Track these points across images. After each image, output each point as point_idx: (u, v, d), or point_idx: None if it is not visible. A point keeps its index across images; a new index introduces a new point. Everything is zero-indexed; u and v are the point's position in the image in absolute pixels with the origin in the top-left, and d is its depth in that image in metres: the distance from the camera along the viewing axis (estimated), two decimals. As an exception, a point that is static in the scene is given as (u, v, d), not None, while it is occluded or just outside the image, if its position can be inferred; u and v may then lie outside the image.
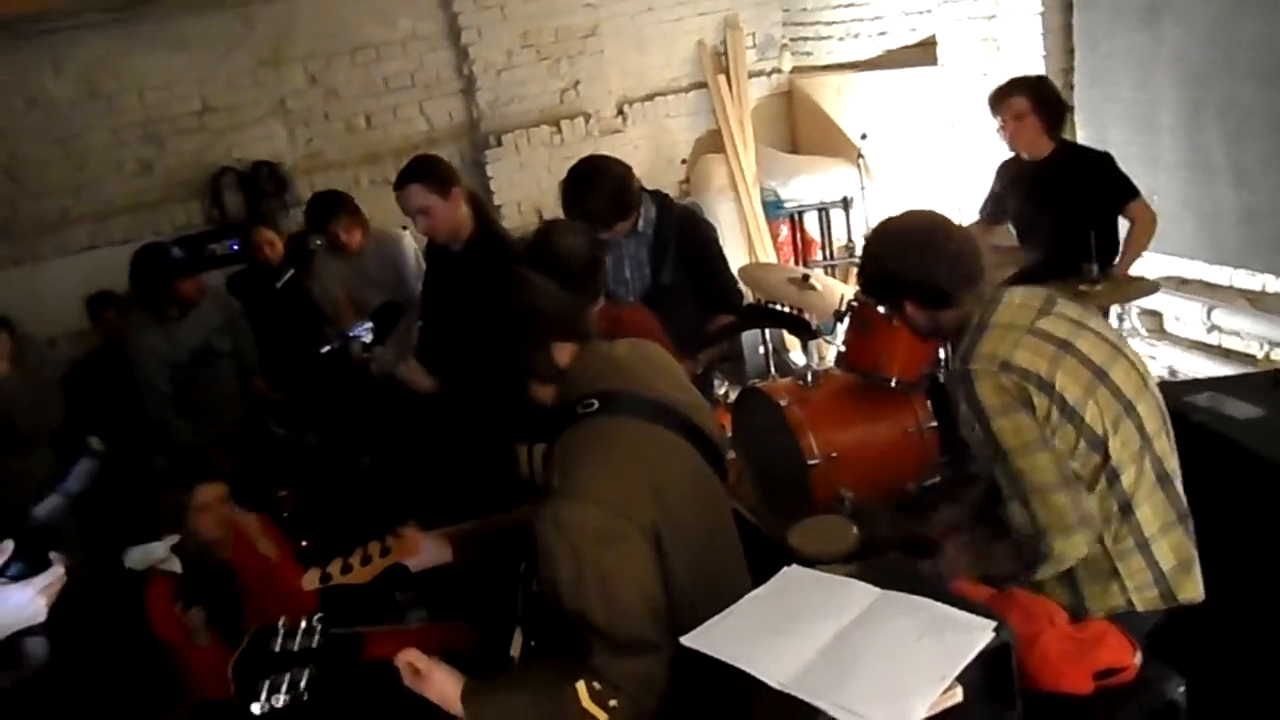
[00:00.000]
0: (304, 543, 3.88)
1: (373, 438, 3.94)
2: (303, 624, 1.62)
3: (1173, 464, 2.02)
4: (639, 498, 1.59)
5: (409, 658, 1.64)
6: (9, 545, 1.47)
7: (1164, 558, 1.97)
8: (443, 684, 1.63)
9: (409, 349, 3.33)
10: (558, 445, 1.68)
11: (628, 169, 3.31)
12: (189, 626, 2.95)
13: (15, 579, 1.45)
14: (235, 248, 5.36)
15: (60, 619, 1.62)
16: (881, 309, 2.23)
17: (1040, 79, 3.76)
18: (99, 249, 5.34)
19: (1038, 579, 1.93)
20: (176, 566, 3.00)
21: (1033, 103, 3.60)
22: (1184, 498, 2.02)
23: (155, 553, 2.97)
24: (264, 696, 1.54)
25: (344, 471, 4.09)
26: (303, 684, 1.56)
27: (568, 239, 2.72)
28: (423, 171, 3.26)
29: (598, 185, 3.22)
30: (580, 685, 1.54)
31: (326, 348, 3.17)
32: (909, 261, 2.04)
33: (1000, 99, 3.65)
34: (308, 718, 1.81)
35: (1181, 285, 4.37)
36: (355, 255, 4.02)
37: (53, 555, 1.50)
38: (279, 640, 1.60)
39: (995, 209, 3.92)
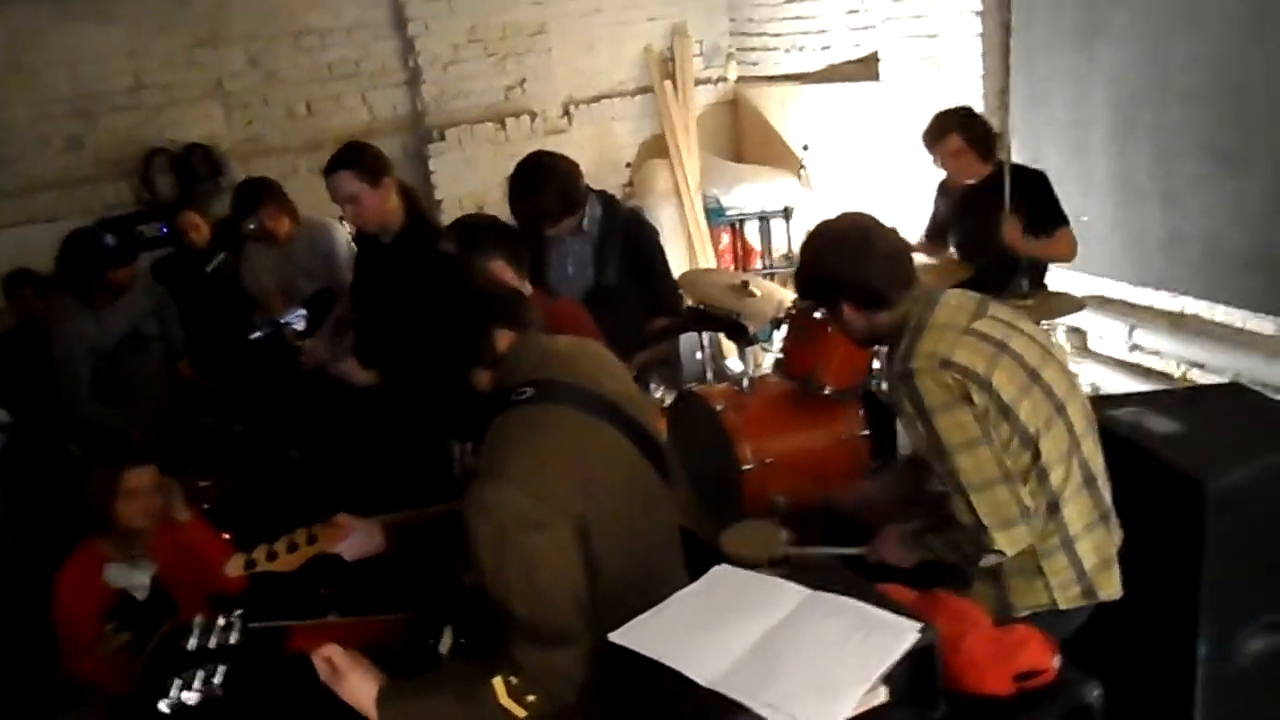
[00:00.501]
0: (227, 535, 3.78)
1: (302, 429, 3.86)
2: (220, 620, 1.56)
3: (1098, 465, 2.07)
4: (567, 488, 1.58)
5: (327, 653, 1.59)
6: None
7: (1086, 556, 2.02)
8: (358, 685, 1.58)
9: (346, 345, 3.25)
10: (489, 431, 1.65)
11: (575, 166, 3.30)
12: (103, 638, 2.75)
13: None
14: (164, 230, 5.20)
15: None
16: (818, 313, 2.25)
17: (968, 114, 3.83)
18: (22, 226, 5.14)
19: (982, 565, 1.97)
20: (142, 594, 2.85)
21: (965, 139, 3.72)
22: (1107, 498, 2.08)
23: (137, 578, 2.79)
24: (173, 693, 1.49)
25: (272, 462, 4.00)
26: (216, 680, 1.51)
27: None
28: (353, 159, 3.17)
29: (545, 181, 3.20)
30: (497, 681, 1.52)
31: (256, 334, 3.10)
32: (845, 264, 2.07)
33: (935, 140, 3.77)
34: (225, 715, 1.76)
35: (1106, 305, 4.50)
36: (285, 244, 3.92)
37: None
38: (194, 637, 1.54)
39: (936, 228, 4.01)
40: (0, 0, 4.91)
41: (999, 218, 3.54)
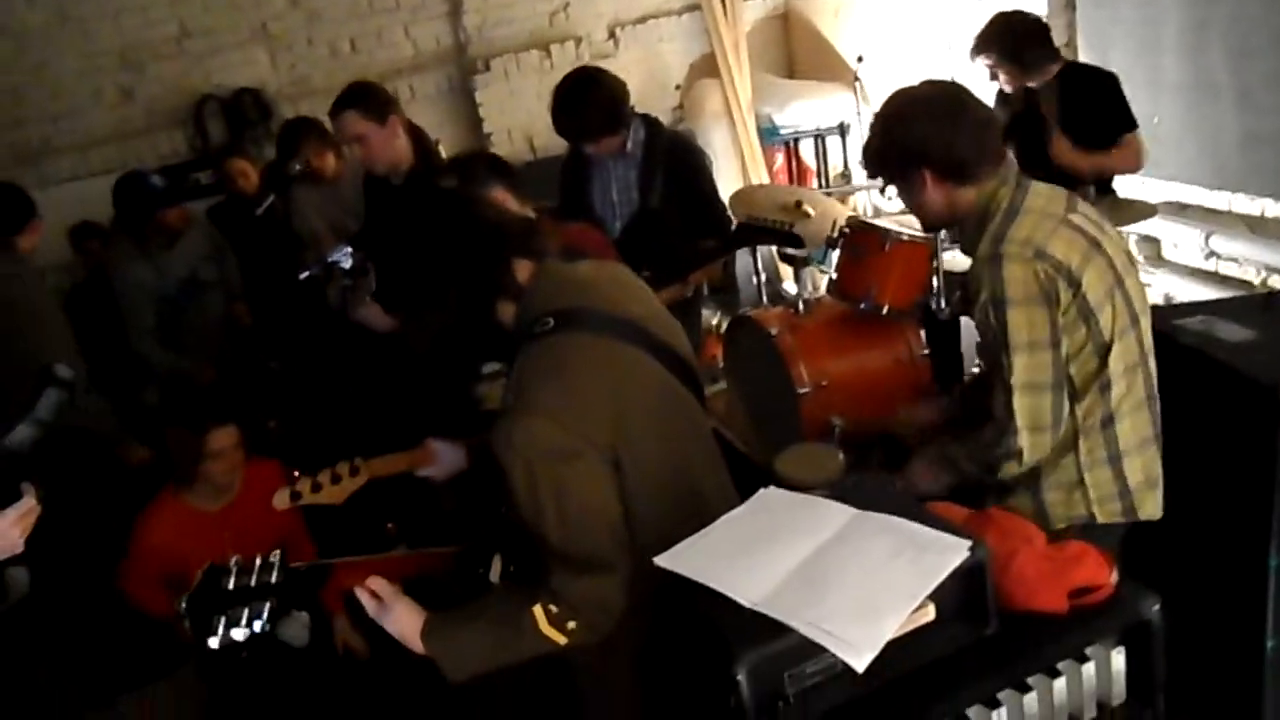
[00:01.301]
0: (296, 472, 3.88)
1: (359, 368, 3.91)
2: (258, 560, 1.58)
3: (1155, 383, 1.99)
4: (595, 416, 1.56)
5: (373, 586, 1.61)
6: None
7: (1133, 474, 1.95)
8: (404, 618, 1.60)
9: (366, 290, 3.26)
10: (515, 365, 1.64)
11: (621, 83, 3.24)
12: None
13: None
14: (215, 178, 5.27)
15: (40, 550, 1.60)
16: (889, 189, 2.10)
17: (1001, 29, 3.60)
18: (81, 179, 5.25)
19: (1001, 477, 1.92)
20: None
21: (998, 58, 3.55)
22: (1158, 418, 2.00)
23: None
24: (220, 630, 1.51)
25: (333, 401, 4.07)
26: (263, 617, 1.53)
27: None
28: (358, 98, 3.16)
29: (589, 96, 3.15)
30: (537, 609, 1.53)
31: (305, 273, 3.12)
32: (930, 127, 1.90)
33: (973, 58, 3.62)
34: (269, 652, 1.78)
35: (1180, 211, 4.30)
36: (332, 183, 3.93)
37: (23, 486, 1.46)
38: (232, 578, 1.55)
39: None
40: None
41: (1068, 121, 3.38)
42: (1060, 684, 1.30)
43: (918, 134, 1.92)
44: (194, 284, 4.13)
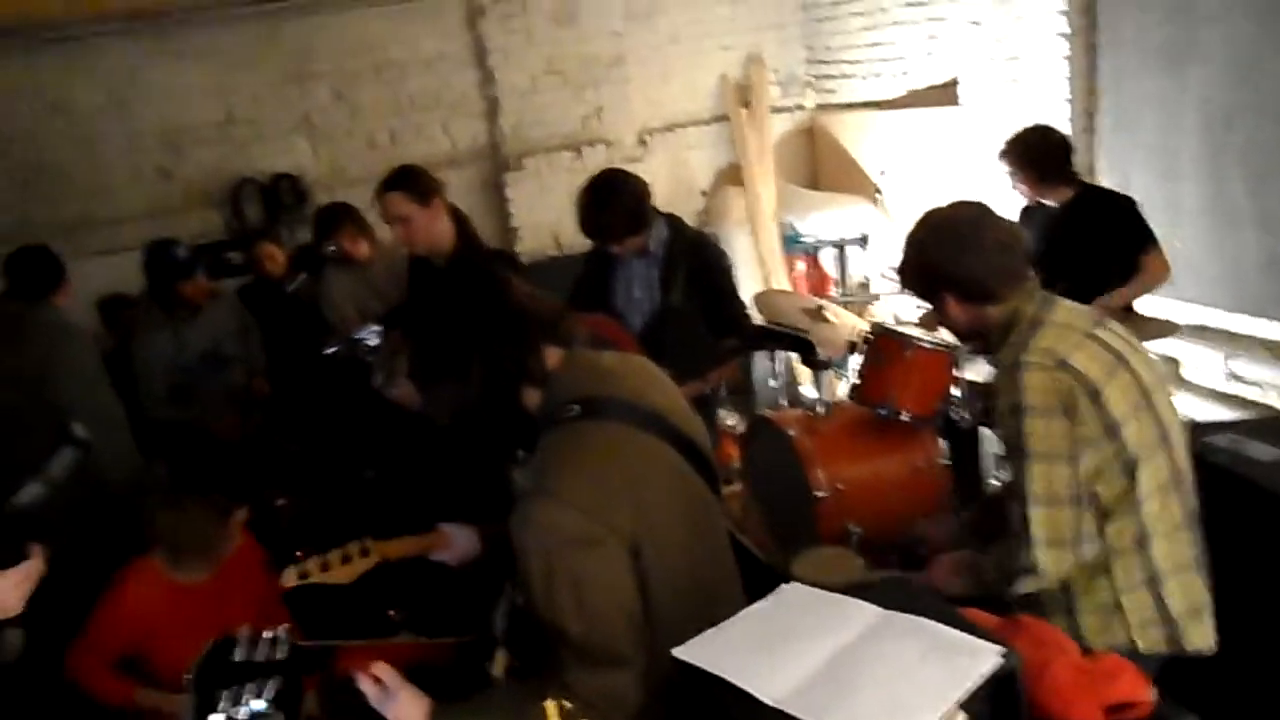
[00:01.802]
0: (299, 553, 3.83)
1: (377, 450, 3.90)
2: (265, 634, 1.54)
3: (1194, 506, 1.95)
4: (617, 505, 1.54)
5: (377, 672, 1.56)
6: None
7: (1172, 599, 1.89)
8: (408, 706, 1.54)
9: (401, 369, 3.29)
10: (538, 450, 1.63)
11: (645, 185, 3.32)
12: (152, 703, 2.81)
13: None
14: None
15: (37, 611, 1.56)
16: (920, 304, 2.16)
17: (1025, 138, 3.74)
18: (115, 253, 5.35)
19: (1019, 591, 1.88)
20: None
21: (1018, 164, 3.68)
22: (1201, 544, 1.95)
23: None
24: (222, 706, 1.47)
25: (346, 482, 4.05)
26: (267, 697, 1.48)
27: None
28: (404, 180, 3.26)
29: (616, 197, 3.23)
30: (550, 704, 1.48)
31: (331, 349, 3.15)
32: (952, 253, 1.96)
33: (1000, 161, 3.76)
34: None
35: (1201, 333, 4.31)
36: (363, 267, 4.00)
37: (32, 548, 1.45)
38: (240, 650, 1.52)
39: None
40: (101, 35, 5.15)
41: (1080, 250, 3.42)
42: (1095, 804, 1.24)
43: (938, 259, 1.99)
44: (215, 358, 4.17)
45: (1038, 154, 3.68)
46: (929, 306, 2.13)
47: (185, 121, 5.47)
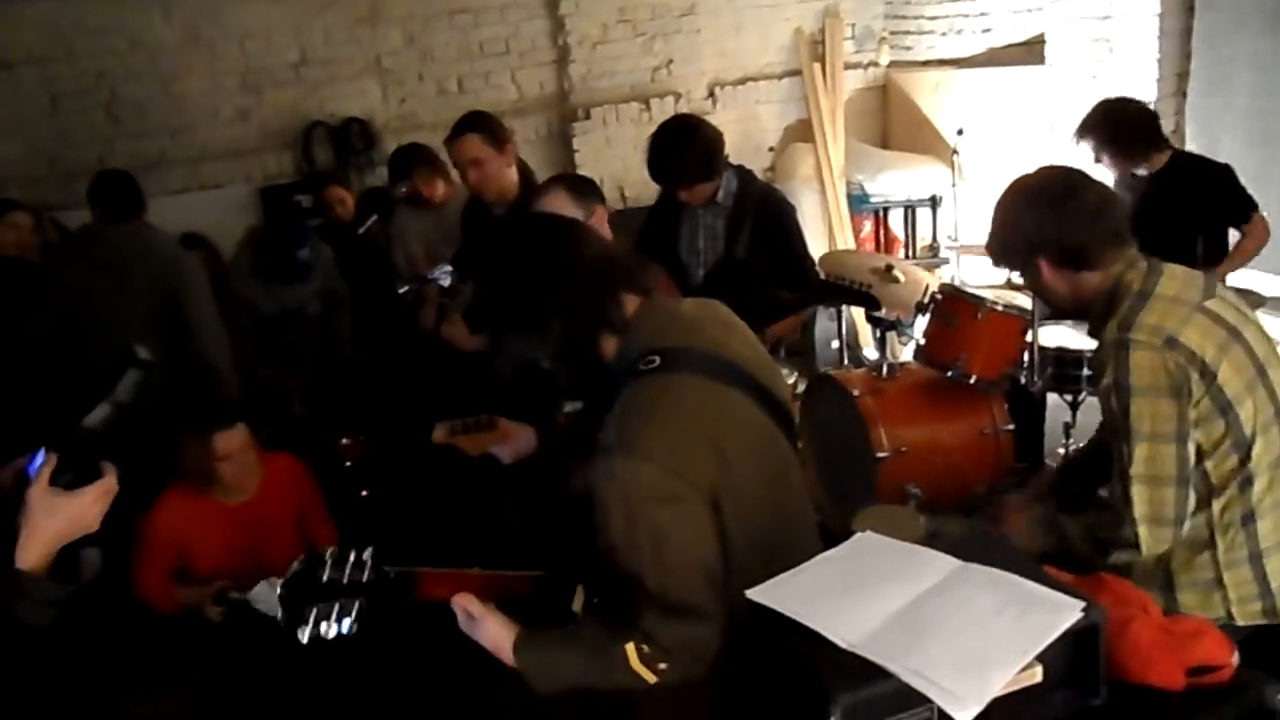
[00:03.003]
0: (364, 493, 3.90)
1: (444, 394, 3.94)
2: (352, 556, 1.57)
3: None
4: (699, 458, 1.53)
5: (464, 603, 1.61)
6: (52, 456, 1.46)
7: (1275, 573, 1.85)
8: (496, 631, 1.59)
9: (457, 307, 3.30)
10: (618, 401, 1.61)
11: (719, 134, 3.27)
12: (192, 599, 2.94)
13: (67, 488, 1.45)
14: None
15: (112, 530, 1.61)
16: (1014, 273, 2.08)
17: (1102, 116, 3.56)
18: (191, 192, 5.46)
19: (1113, 562, 1.83)
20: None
21: (1099, 145, 3.51)
22: None
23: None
24: (311, 624, 1.51)
25: (412, 426, 4.10)
26: (352, 616, 1.52)
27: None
28: (479, 123, 3.29)
29: (688, 142, 3.19)
30: (630, 647, 1.50)
31: (404, 289, 3.17)
32: (1042, 216, 1.88)
33: (1075, 142, 3.60)
34: (355, 652, 1.77)
35: (1286, 307, 4.16)
36: (437, 209, 4.02)
37: (103, 465, 1.49)
38: (326, 570, 1.55)
39: None
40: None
41: (1171, 219, 3.32)
42: (1171, 766, 1.23)
43: (1028, 224, 1.91)
44: (297, 315, 4.20)
45: (1122, 129, 3.50)
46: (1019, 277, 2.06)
47: (262, 63, 5.51)
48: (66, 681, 2.30)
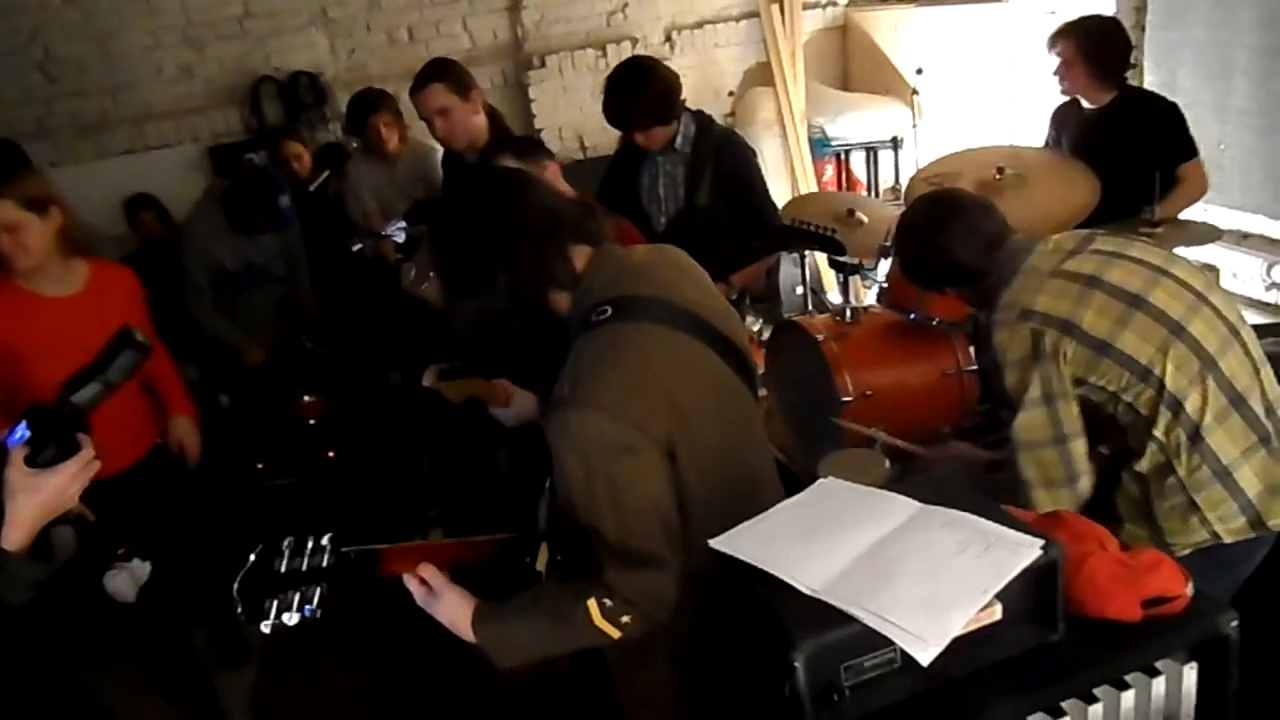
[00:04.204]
0: (330, 454, 3.88)
1: (403, 352, 3.90)
2: (310, 543, 1.55)
3: (1245, 382, 1.91)
4: (653, 408, 1.52)
5: (422, 573, 1.58)
6: (22, 429, 1.43)
7: (1248, 484, 1.87)
8: (454, 604, 1.57)
9: (428, 264, 3.25)
10: (571, 354, 1.59)
11: (675, 76, 3.21)
12: None
13: (49, 465, 1.43)
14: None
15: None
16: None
17: (1094, 25, 3.48)
18: (137, 153, 5.31)
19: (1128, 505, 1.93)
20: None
21: (1078, 50, 3.40)
22: (1265, 420, 1.92)
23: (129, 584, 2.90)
24: (272, 616, 1.49)
25: (372, 385, 4.07)
26: (315, 602, 1.50)
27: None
28: (444, 71, 3.21)
29: (645, 84, 3.13)
30: (591, 603, 1.49)
31: (357, 246, 3.11)
32: (925, 253, 2.11)
33: (1052, 43, 3.49)
34: (321, 635, 1.74)
35: (1242, 240, 4.21)
36: (391, 162, 3.94)
37: (80, 437, 1.46)
38: (284, 560, 1.52)
39: None
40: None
41: (1114, 157, 3.27)
42: (1128, 696, 1.24)
43: (918, 263, 2.16)
44: (260, 272, 4.11)
45: (1103, 47, 3.40)
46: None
47: (205, 16, 5.33)
48: (27, 655, 2.28)
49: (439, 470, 3.73)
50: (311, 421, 3.60)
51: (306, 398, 3.66)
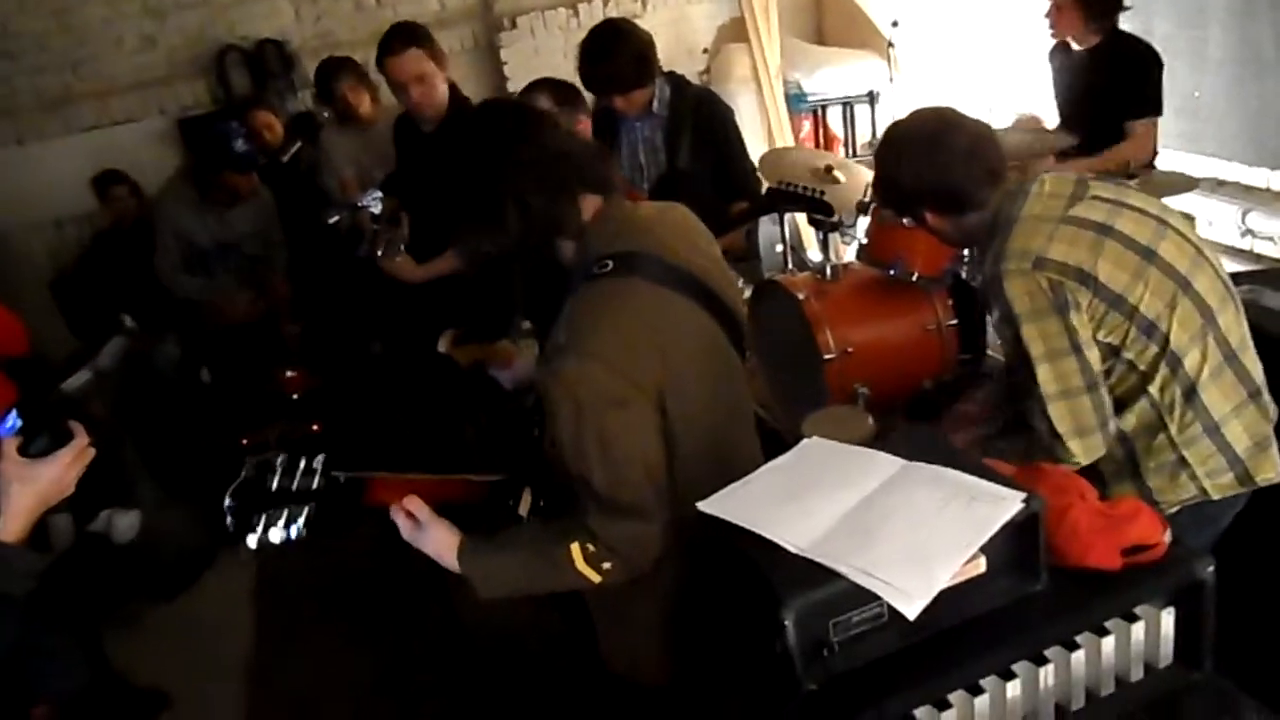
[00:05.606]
0: (315, 427, 3.87)
1: (383, 323, 3.89)
2: (302, 463, 1.57)
3: (1239, 337, 1.91)
4: (645, 361, 1.53)
5: (409, 506, 1.60)
6: (13, 419, 1.42)
7: (1237, 439, 1.87)
8: (440, 536, 1.59)
9: (400, 238, 3.20)
10: (568, 304, 1.60)
11: (650, 38, 3.18)
12: None
13: (42, 454, 1.43)
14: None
15: (84, 496, 1.59)
16: (905, 220, 2.09)
17: None
18: (104, 128, 5.21)
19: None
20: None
21: None
22: (1256, 373, 1.92)
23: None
24: (259, 530, 1.51)
25: (353, 356, 4.05)
26: (300, 522, 1.52)
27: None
28: (419, 35, 3.11)
29: (620, 47, 3.09)
30: (575, 547, 1.52)
31: (334, 218, 3.08)
32: (920, 167, 1.91)
33: None
34: (303, 557, 1.76)
35: (1217, 187, 4.23)
36: (365, 128, 3.88)
37: (72, 425, 1.46)
38: (276, 477, 1.55)
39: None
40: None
41: (1101, 99, 3.27)
42: (1109, 643, 1.27)
43: (904, 175, 1.95)
44: (233, 252, 4.08)
45: None
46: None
47: (165, -16, 5.22)
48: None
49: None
50: (295, 396, 3.58)
51: (289, 372, 3.65)
